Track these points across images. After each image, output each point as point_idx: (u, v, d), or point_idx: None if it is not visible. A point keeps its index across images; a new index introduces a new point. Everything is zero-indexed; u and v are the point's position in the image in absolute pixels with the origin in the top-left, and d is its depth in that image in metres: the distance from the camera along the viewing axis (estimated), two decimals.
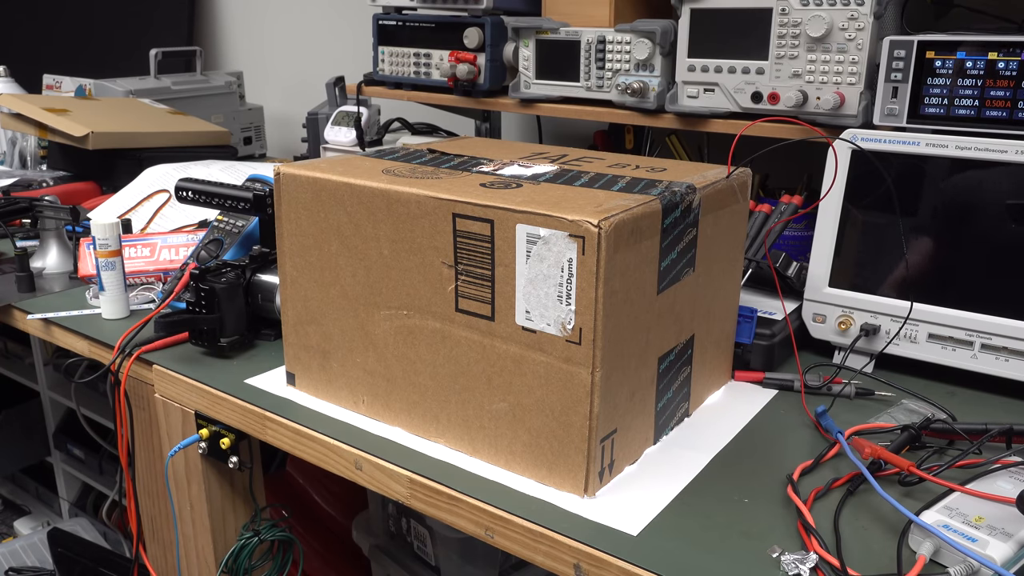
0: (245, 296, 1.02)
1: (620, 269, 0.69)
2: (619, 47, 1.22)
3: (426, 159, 0.91)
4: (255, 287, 1.03)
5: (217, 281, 0.98)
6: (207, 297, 0.98)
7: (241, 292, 1.01)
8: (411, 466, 0.78)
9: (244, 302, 1.01)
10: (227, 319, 0.99)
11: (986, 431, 0.79)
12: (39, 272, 1.30)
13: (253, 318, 1.04)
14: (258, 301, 1.03)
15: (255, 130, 2.13)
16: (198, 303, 0.98)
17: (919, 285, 0.93)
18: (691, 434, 0.84)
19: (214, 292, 0.97)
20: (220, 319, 0.99)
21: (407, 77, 1.49)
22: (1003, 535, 0.63)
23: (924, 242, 0.94)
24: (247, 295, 1.02)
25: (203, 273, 0.99)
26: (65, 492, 1.89)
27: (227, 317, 0.99)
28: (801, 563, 0.63)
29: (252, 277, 1.03)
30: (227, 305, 0.99)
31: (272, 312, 1.03)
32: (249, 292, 1.03)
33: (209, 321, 0.99)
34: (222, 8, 2.39)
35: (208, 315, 0.98)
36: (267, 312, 1.04)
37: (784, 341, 0.98)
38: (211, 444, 0.96)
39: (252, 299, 1.03)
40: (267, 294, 1.03)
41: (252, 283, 1.03)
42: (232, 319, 1.00)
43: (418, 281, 0.78)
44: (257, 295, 1.03)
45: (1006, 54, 0.91)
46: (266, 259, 1.05)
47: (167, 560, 1.12)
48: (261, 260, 1.05)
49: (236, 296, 1.00)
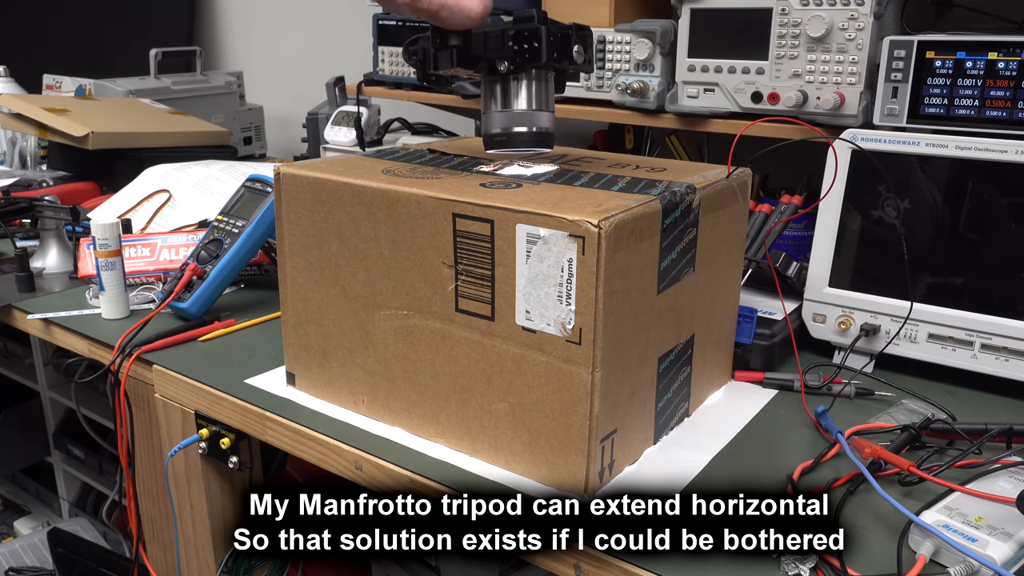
0: None
1: (620, 269, 0.69)
2: (619, 47, 1.22)
3: (426, 159, 0.91)
4: None
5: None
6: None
7: None
8: (411, 466, 0.78)
9: None
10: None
11: (986, 431, 0.79)
12: (39, 272, 1.30)
13: None
14: None
15: (255, 130, 2.13)
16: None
17: (919, 285, 0.93)
18: (691, 434, 0.84)
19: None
20: None
21: (407, 77, 1.49)
22: (1003, 535, 0.63)
23: (924, 242, 0.94)
24: None
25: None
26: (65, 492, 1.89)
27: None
28: (801, 563, 0.63)
29: None
30: None
31: None
32: None
33: None
34: (222, 8, 2.39)
35: None
36: None
37: (784, 341, 0.98)
38: (211, 444, 0.96)
39: None
40: None
41: None
42: None
43: (418, 281, 0.78)
44: None
45: (1006, 54, 0.91)
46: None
47: (167, 560, 1.12)
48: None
49: None
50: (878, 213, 0.96)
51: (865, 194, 0.96)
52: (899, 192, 0.94)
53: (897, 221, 0.94)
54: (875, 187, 0.95)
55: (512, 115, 0.86)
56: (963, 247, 0.92)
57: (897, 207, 0.94)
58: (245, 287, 1.25)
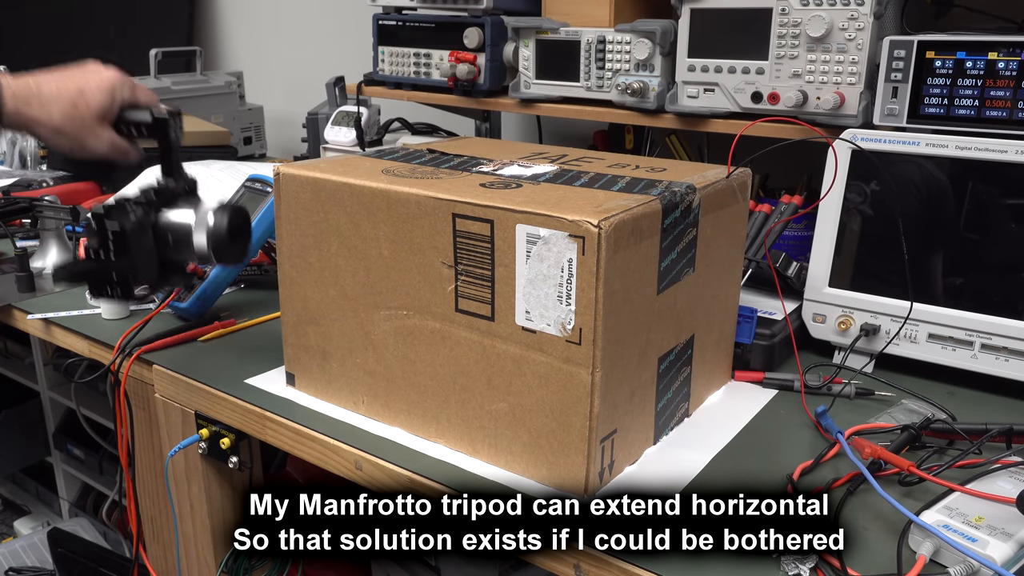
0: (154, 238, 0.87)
1: (620, 269, 0.69)
2: (619, 47, 1.22)
3: (426, 159, 0.91)
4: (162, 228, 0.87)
5: (126, 220, 0.83)
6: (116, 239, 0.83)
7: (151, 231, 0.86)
8: (411, 466, 0.78)
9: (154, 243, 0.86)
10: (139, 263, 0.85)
11: (986, 431, 0.79)
12: (39, 272, 1.30)
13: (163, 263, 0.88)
14: (168, 243, 0.87)
15: (255, 130, 2.13)
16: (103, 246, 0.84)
17: (919, 285, 0.93)
18: (691, 434, 0.84)
19: (124, 233, 0.83)
20: (133, 265, 0.85)
21: (407, 77, 1.49)
22: (1003, 535, 0.63)
23: (924, 242, 0.94)
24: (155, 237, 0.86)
25: (108, 211, 0.84)
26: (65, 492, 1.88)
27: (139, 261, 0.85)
28: (801, 563, 0.63)
29: (159, 216, 0.87)
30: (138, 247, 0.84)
31: (186, 255, 0.88)
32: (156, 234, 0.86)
33: (120, 267, 0.85)
34: (222, 8, 2.39)
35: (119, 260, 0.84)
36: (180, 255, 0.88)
37: (784, 341, 0.98)
38: (211, 444, 0.96)
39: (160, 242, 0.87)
40: (180, 235, 0.86)
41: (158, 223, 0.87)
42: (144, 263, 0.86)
43: (418, 281, 0.78)
44: (167, 236, 0.86)
45: (1006, 54, 0.91)
46: (171, 194, 0.89)
47: (167, 560, 1.12)
48: (167, 195, 0.88)
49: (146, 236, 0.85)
50: (878, 213, 0.96)
51: (865, 194, 0.96)
52: (899, 192, 0.94)
53: (897, 221, 0.94)
54: (875, 187, 0.95)
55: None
56: (963, 247, 0.92)
57: (897, 207, 0.94)
58: (245, 287, 1.25)
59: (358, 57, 1.91)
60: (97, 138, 0.89)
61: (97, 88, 0.88)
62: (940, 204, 0.93)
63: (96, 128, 0.89)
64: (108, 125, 0.90)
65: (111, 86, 0.89)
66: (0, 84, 0.85)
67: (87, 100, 0.87)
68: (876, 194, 0.96)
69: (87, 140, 0.88)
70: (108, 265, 0.85)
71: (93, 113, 0.88)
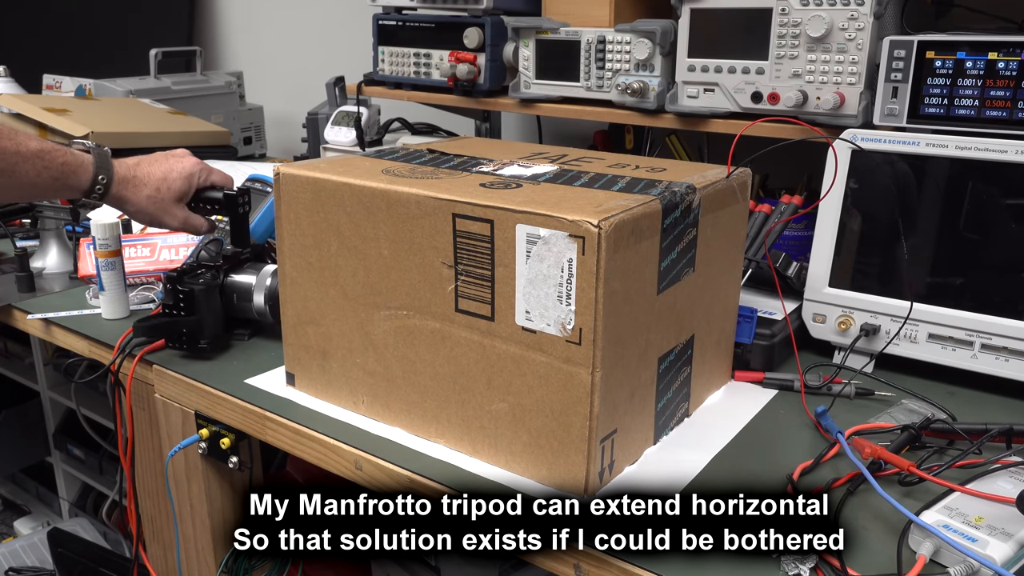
0: (220, 296, 1.02)
1: (620, 269, 0.69)
2: (619, 47, 1.22)
3: (426, 159, 0.91)
4: (229, 287, 1.04)
5: (195, 283, 0.99)
6: (186, 300, 0.98)
7: (217, 293, 1.02)
8: (411, 466, 0.78)
9: (220, 302, 1.02)
10: (206, 320, 1.00)
11: (986, 431, 0.79)
12: (39, 272, 1.30)
13: (228, 318, 1.04)
14: (233, 301, 1.04)
15: (255, 130, 2.13)
16: (176, 306, 0.99)
17: (919, 285, 0.93)
18: (691, 434, 0.84)
19: (193, 294, 0.98)
20: (199, 321, 0.99)
21: (407, 77, 1.49)
22: (1003, 535, 0.63)
23: (924, 242, 0.94)
24: (222, 295, 1.03)
25: (180, 275, 0.99)
26: (65, 492, 1.89)
27: (206, 319, 1.00)
28: (801, 563, 0.63)
29: (226, 278, 1.04)
30: (205, 307, 0.99)
31: (247, 312, 1.04)
32: (224, 292, 1.03)
33: (189, 324, 0.99)
34: (222, 8, 2.39)
35: (187, 317, 0.99)
36: (242, 312, 1.05)
37: (784, 341, 0.98)
38: (211, 444, 0.96)
39: (227, 299, 1.04)
40: (243, 294, 1.04)
41: (226, 283, 1.04)
42: (211, 320, 1.00)
43: (418, 281, 0.78)
44: (232, 295, 1.04)
45: (1006, 54, 0.91)
46: (238, 259, 1.06)
47: (167, 560, 1.12)
48: (234, 260, 1.06)
49: (213, 297, 1.01)
50: (878, 213, 0.96)
51: (865, 194, 0.96)
52: (899, 192, 0.94)
53: (897, 221, 0.94)
54: (875, 187, 0.95)
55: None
56: (963, 247, 0.92)
57: (897, 207, 0.94)
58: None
59: (358, 57, 1.91)
60: (172, 217, 1.03)
61: (179, 176, 1.02)
62: (940, 204, 0.93)
63: (172, 208, 1.03)
64: (184, 205, 1.04)
65: (190, 173, 1.03)
66: (112, 171, 0.98)
67: (169, 185, 1.02)
68: (876, 194, 0.96)
69: (164, 218, 1.03)
70: (179, 322, 0.99)
71: (172, 197, 1.02)
